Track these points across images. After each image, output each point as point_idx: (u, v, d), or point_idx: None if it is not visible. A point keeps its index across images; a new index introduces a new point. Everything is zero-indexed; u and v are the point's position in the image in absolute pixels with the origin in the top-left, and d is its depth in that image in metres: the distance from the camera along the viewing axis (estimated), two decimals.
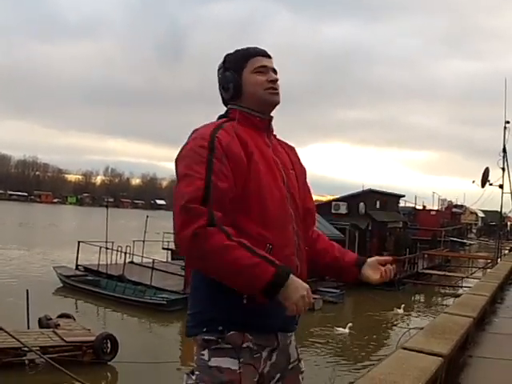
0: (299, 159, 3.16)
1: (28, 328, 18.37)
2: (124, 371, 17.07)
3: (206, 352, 2.65)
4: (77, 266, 33.02)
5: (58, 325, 18.62)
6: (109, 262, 32.25)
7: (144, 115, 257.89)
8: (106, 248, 32.49)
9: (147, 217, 36.26)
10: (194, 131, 2.77)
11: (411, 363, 3.94)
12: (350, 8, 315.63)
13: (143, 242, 34.19)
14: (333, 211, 41.69)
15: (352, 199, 43.52)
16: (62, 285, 30.38)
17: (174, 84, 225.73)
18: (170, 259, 38.75)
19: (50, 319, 19.20)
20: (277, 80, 2.91)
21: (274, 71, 2.93)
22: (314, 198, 3.21)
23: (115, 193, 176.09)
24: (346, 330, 23.59)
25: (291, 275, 2.49)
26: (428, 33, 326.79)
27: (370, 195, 44.17)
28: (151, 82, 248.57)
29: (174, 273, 31.21)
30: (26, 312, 18.67)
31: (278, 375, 2.82)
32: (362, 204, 42.94)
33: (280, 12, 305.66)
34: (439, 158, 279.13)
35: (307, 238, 3.04)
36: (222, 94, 2.98)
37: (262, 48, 2.97)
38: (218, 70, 2.97)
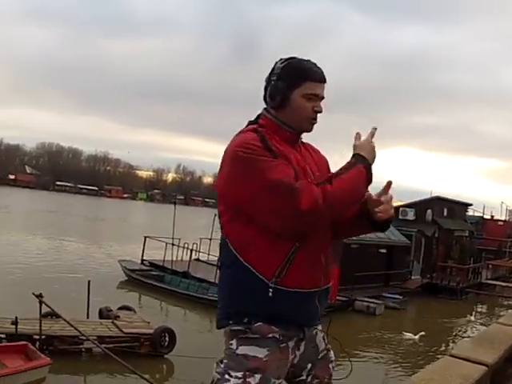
0: (322, 159, 3.29)
1: (87, 318, 18.75)
2: (180, 365, 17.27)
3: (234, 341, 2.88)
4: (142, 260, 33.51)
5: (118, 316, 18.99)
6: (174, 259, 32.59)
7: (217, 114, 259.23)
8: (172, 244, 32.88)
9: (215, 215, 36.48)
10: (237, 135, 3.01)
11: (455, 370, 3.99)
12: (420, 11, 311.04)
13: (210, 239, 34.48)
14: (400, 217, 41.43)
15: (419, 206, 43.49)
16: (126, 278, 30.94)
17: (246, 83, 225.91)
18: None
19: (111, 310, 19.60)
20: (321, 111, 3.03)
21: (323, 98, 3.04)
22: None
23: (186, 191, 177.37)
24: (416, 336, 23.37)
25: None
26: (500, 37, 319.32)
27: (437, 202, 44.19)
28: (222, 80, 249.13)
29: None
30: (86, 302, 19.07)
31: (310, 365, 3.08)
32: (429, 211, 42.93)
33: (349, 14, 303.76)
34: (509, 167, 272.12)
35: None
36: (265, 96, 3.09)
37: (320, 70, 3.04)
38: (272, 73, 3.04)
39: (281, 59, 3.05)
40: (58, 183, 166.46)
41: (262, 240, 2.84)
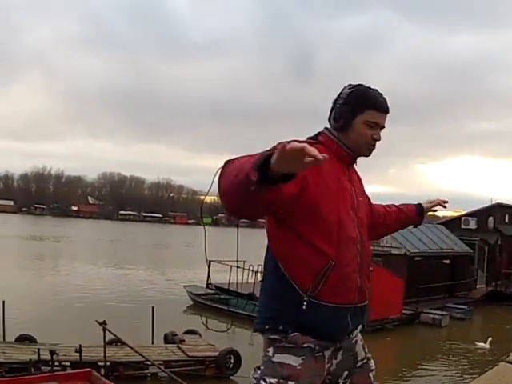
0: (362, 183, 3.47)
1: (152, 343, 18.92)
2: None
3: (270, 349, 3.04)
4: (207, 284, 33.73)
5: (183, 340, 19.15)
6: (239, 281, 32.67)
7: (280, 132, 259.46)
8: (237, 267, 32.95)
9: None
10: None
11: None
12: (474, 16, 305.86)
13: None
14: (462, 226, 41.65)
15: (481, 214, 43.23)
16: (192, 303, 31.23)
17: (304, 100, 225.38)
18: None
19: (176, 335, 19.77)
20: (379, 139, 3.22)
21: (383, 127, 3.23)
22: (448, 213, 3.63)
23: None
24: (487, 345, 23.04)
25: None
26: None
27: (498, 209, 43.56)
28: (281, 99, 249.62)
29: None
30: (151, 328, 19.25)
31: (346, 372, 3.23)
32: (490, 218, 42.54)
33: (402, 23, 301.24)
34: None
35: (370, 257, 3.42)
36: (330, 117, 3.25)
37: (384, 100, 3.21)
38: (339, 97, 3.22)
39: (349, 85, 3.24)
40: (122, 212, 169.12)
41: (300, 254, 2.98)
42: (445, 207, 3.94)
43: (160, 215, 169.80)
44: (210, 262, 24.08)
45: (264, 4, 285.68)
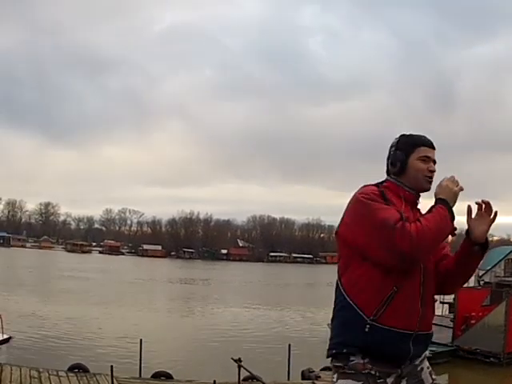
0: None
1: (288, 379, 19.21)
2: None
3: (335, 375, 3.51)
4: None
5: (319, 377, 19.29)
6: None
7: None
8: None
9: None
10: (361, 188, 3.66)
11: None
12: None
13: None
14: None
15: None
16: None
17: (446, 133, 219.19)
18: (447, 312, 38.43)
19: (313, 371, 19.93)
20: (434, 171, 3.67)
21: (434, 162, 3.70)
22: None
23: None
24: None
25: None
26: None
27: None
28: (422, 132, 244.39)
29: (447, 326, 31.00)
30: (287, 364, 19.62)
31: None
32: None
33: None
34: None
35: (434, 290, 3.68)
36: (388, 166, 3.78)
37: (429, 139, 3.74)
38: (391, 146, 3.77)
39: (397, 136, 3.79)
40: (272, 254, 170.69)
41: (366, 282, 3.43)
42: (489, 206, 3.56)
43: (310, 256, 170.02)
44: None
45: (395, 36, 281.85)
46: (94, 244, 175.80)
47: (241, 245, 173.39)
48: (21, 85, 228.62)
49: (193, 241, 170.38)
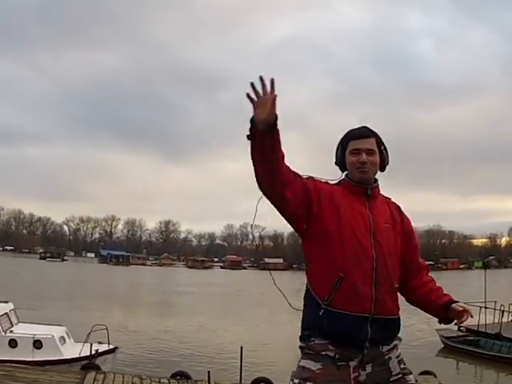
0: (402, 216, 4.10)
1: None
2: None
3: (300, 355, 3.79)
4: (459, 327, 33.85)
5: (416, 381, 19.77)
6: (490, 322, 32.60)
7: None
8: (485, 307, 32.83)
9: None
10: None
11: None
12: None
13: None
14: None
15: None
16: (443, 346, 31.74)
17: None
18: None
19: None
20: (364, 162, 3.85)
21: (369, 151, 3.88)
22: None
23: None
24: None
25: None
26: None
27: None
28: None
29: None
30: None
31: None
32: None
33: None
34: None
35: (397, 277, 3.85)
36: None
37: (361, 129, 3.96)
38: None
39: None
40: None
41: (318, 270, 3.77)
42: (471, 317, 3.85)
43: (432, 262, 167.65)
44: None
45: (501, 36, 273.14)
46: (216, 259, 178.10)
47: None
48: (133, 105, 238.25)
49: None
